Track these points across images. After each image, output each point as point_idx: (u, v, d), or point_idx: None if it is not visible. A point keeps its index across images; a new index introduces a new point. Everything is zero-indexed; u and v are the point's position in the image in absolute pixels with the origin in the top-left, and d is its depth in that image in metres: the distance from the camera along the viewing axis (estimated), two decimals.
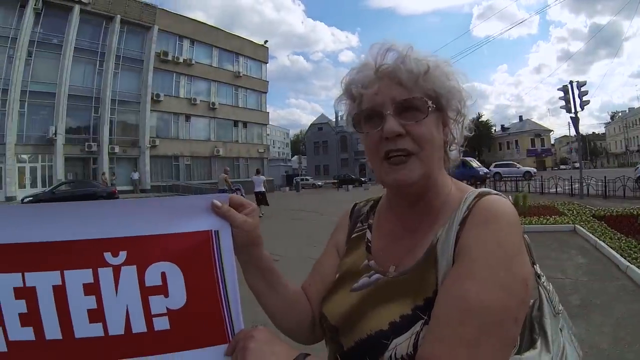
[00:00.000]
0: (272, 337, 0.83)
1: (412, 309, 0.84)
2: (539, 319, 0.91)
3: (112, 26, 33.98)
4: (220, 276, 0.89)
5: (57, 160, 30.44)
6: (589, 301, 5.38)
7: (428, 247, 0.91)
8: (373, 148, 0.94)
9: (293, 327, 1.10)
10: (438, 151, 0.96)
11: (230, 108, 44.53)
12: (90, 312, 0.81)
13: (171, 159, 39.07)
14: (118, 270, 0.83)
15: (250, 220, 0.95)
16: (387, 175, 0.92)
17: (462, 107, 1.00)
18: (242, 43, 46.75)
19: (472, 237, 0.82)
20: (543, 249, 8.56)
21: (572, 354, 0.94)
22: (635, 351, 3.92)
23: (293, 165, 70.02)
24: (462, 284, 0.78)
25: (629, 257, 6.77)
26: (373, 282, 0.97)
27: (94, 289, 0.82)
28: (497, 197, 0.88)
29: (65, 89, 30.81)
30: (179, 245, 0.87)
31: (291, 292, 1.09)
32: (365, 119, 0.96)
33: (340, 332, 0.96)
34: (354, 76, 0.99)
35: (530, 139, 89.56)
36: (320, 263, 1.18)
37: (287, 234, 11.46)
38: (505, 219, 0.82)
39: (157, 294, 0.85)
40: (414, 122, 0.90)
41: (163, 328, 0.85)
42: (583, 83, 19.69)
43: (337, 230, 1.23)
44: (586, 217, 11.59)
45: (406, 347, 0.81)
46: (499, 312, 0.75)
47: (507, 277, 0.77)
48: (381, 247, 1.05)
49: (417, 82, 0.91)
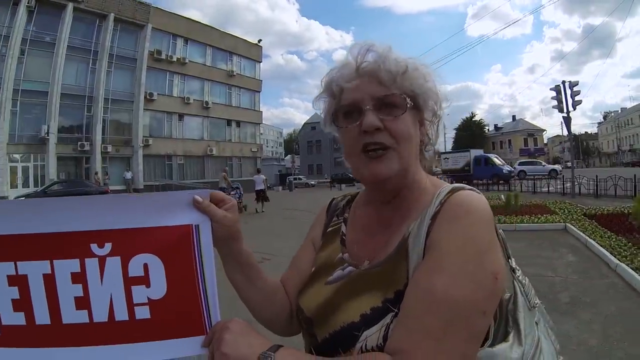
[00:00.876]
0: (246, 328, 0.85)
1: (382, 302, 0.86)
2: (513, 312, 0.94)
3: (105, 24, 33.65)
4: (199, 269, 0.93)
5: (50, 159, 30.10)
6: (579, 299, 5.48)
7: (400, 241, 0.93)
8: (351, 142, 0.96)
9: (271, 318, 1.13)
10: (415, 148, 0.98)
11: (223, 107, 44.35)
12: (77, 299, 0.87)
13: (164, 159, 38.83)
14: (103, 260, 0.88)
15: (230, 215, 0.98)
16: (365, 169, 0.95)
17: (438, 109, 1.04)
18: (235, 42, 46.53)
19: (442, 232, 0.84)
20: (534, 247, 8.71)
21: (548, 347, 0.97)
22: (623, 348, 4.01)
23: (286, 165, 69.70)
24: (430, 277, 0.80)
25: (618, 256, 6.92)
26: (346, 275, 1.00)
27: (80, 277, 0.87)
28: (469, 192, 0.90)
29: (57, 87, 30.51)
30: (161, 238, 0.91)
31: (269, 286, 1.12)
32: (344, 115, 0.98)
33: (315, 324, 0.98)
34: (335, 74, 1.01)
35: (523, 138, 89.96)
36: (298, 257, 1.22)
37: (280, 233, 11.49)
38: (476, 215, 0.85)
39: (139, 284, 0.89)
40: (392, 118, 0.93)
41: (144, 317, 0.89)
42: (575, 83, 19.89)
43: (315, 224, 1.26)
44: (577, 215, 11.79)
45: (376, 339, 0.83)
46: (466, 305, 0.77)
47: (475, 271, 0.79)
48: (356, 240, 1.07)
49: (396, 81, 0.94)
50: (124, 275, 0.88)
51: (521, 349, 0.87)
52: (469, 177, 33.63)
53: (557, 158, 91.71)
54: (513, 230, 10.74)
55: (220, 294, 0.94)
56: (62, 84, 30.88)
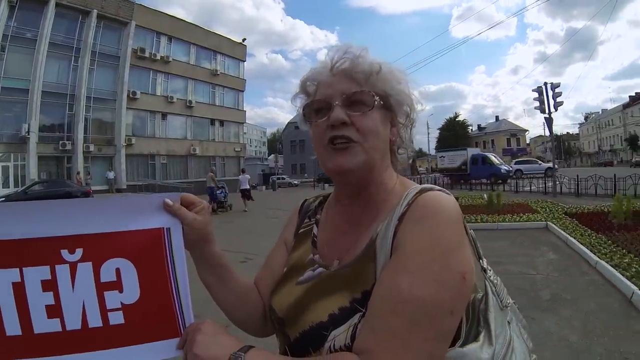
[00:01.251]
0: (218, 329, 0.86)
1: (350, 302, 0.87)
2: (484, 312, 0.93)
3: (88, 21, 33.05)
4: (171, 272, 0.93)
5: (30, 159, 29.52)
6: (559, 296, 5.58)
7: (368, 242, 0.93)
8: (319, 136, 0.98)
9: (245, 319, 1.15)
10: (382, 145, 0.99)
11: (207, 106, 44.01)
12: (49, 307, 0.85)
13: (147, 158, 38.37)
14: (74, 266, 0.86)
15: (200, 218, 0.99)
16: (329, 160, 0.96)
17: (412, 113, 1.05)
18: (220, 40, 46.17)
19: (408, 232, 0.85)
20: (515, 245, 8.86)
21: (521, 346, 0.97)
22: (603, 343, 4.09)
23: (270, 164, 69.46)
24: (395, 277, 0.81)
25: (598, 253, 7.07)
26: (317, 276, 1.01)
27: (51, 285, 0.85)
28: (437, 193, 0.90)
29: (39, 85, 29.88)
30: (132, 242, 0.91)
31: (242, 287, 1.13)
32: (315, 112, 1.00)
33: (287, 324, 0.99)
34: (311, 73, 1.04)
35: (506, 138, 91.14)
36: (270, 257, 1.22)
37: (262, 233, 11.43)
38: (443, 215, 0.85)
39: (112, 290, 0.88)
40: (359, 114, 0.95)
41: (118, 322, 0.88)
42: (557, 85, 20.27)
43: (287, 225, 1.27)
44: (558, 214, 12.03)
45: (344, 339, 0.84)
46: (431, 304, 0.78)
47: (441, 271, 0.80)
48: (326, 241, 1.08)
49: (369, 81, 0.96)
50: (96, 281, 0.88)
51: (492, 348, 0.87)
52: (466, 177, 33.19)
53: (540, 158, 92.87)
54: (495, 229, 10.89)
55: (195, 295, 0.95)
56: (43, 81, 30.24)
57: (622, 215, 9.80)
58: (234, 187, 24.12)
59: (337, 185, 1.08)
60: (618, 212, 9.90)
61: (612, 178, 17.51)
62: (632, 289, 5.25)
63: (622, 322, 4.59)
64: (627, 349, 3.93)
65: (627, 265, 6.11)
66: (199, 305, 0.98)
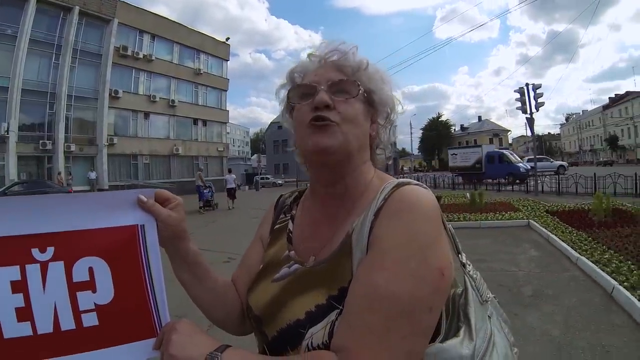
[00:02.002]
0: (194, 328, 0.85)
1: (327, 299, 0.87)
2: (464, 307, 0.92)
3: (70, 18, 32.40)
4: (146, 270, 0.91)
5: (10, 159, 28.83)
6: (541, 291, 5.68)
7: (344, 237, 0.93)
8: (302, 119, 0.98)
9: (223, 318, 1.14)
10: (361, 136, 0.99)
11: (190, 106, 43.62)
12: (19, 310, 0.80)
13: (130, 158, 37.82)
14: (45, 266, 0.82)
15: (175, 214, 0.97)
16: (308, 139, 0.95)
17: (392, 114, 1.07)
18: (203, 39, 45.81)
19: (384, 227, 0.84)
20: (498, 243, 8.97)
21: (502, 340, 0.96)
22: (585, 337, 4.18)
23: (253, 164, 69.28)
24: (371, 274, 0.80)
25: (579, 250, 7.23)
26: (292, 272, 1.00)
27: (21, 286, 0.80)
28: (415, 187, 0.89)
29: (18, 83, 29.22)
30: (105, 240, 0.88)
31: (220, 285, 1.12)
32: (300, 96, 1.00)
33: (264, 322, 0.98)
34: (300, 64, 1.07)
35: (489, 138, 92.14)
36: (247, 255, 1.22)
37: (245, 233, 11.39)
38: (420, 210, 0.84)
39: (85, 290, 0.85)
40: (342, 99, 0.96)
41: (92, 324, 0.85)
42: (538, 86, 20.62)
43: (263, 222, 1.26)
44: (540, 212, 12.28)
45: (322, 336, 0.83)
46: (408, 300, 0.77)
47: (418, 267, 0.79)
48: (302, 237, 1.08)
49: (355, 74, 1.00)
50: (68, 281, 0.84)
51: (472, 343, 0.86)
52: (480, 176, 31.52)
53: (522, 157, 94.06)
54: (478, 227, 11.02)
55: (172, 293, 0.94)
56: (23, 79, 29.60)
57: (602, 213, 10.02)
58: (218, 187, 24.72)
59: (314, 171, 1.05)
60: (598, 210, 10.11)
61: (592, 177, 17.82)
62: (612, 284, 5.36)
63: (604, 317, 4.68)
64: (609, 342, 4.01)
65: (607, 261, 6.23)
66: (184, 306, 0.95)
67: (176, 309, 0.92)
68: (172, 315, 0.94)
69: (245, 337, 1.17)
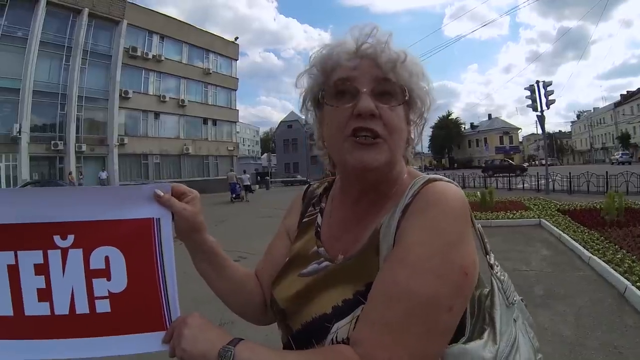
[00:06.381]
0: (205, 323, 0.85)
1: (353, 294, 0.86)
2: (489, 309, 0.90)
3: (79, 19, 32.67)
4: (159, 263, 0.93)
5: (22, 159, 29.13)
6: (553, 291, 5.63)
7: (372, 233, 0.91)
8: (340, 124, 0.90)
9: (242, 308, 1.15)
10: (403, 144, 0.96)
11: (199, 105, 43.75)
12: (40, 291, 0.88)
13: (140, 158, 38.09)
14: (66, 252, 0.89)
15: (190, 207, 0.98)
16: (352, 154, 0.89)
17: (425, 111, 1.00)
18: (212, 39, 45.96)
19: (409, 223, 0.82)
20: (509, 242, 8.88)
21: (526, 344, 0.94)
22: (596, 337, 4.15)
23: (263, 163, 69.50)
24: (393, 270, 0.79)
25: (591, 249, 7.16)
26: (322, 269, 0.98)
27: (43, 269, 0.88)
28: (445, 184, 0.87)
29: (30, 84, 29.48)
30: (122, 231, 0.92)
31: (239, 275, 1.12)
32: (336, 94, 0.93)
33: (288, 316, 0.98)
34: (331, 50, 0.95)
35: (499, 136, 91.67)
36: (272, 246, 1.20)
37: (256, 232, 11.43)
38: (446, 206, 0.81)
39: (100, 277, 0.90)
40: (387, 107, 0.89)
41: (104, 310, 0.90)
42: (549, 83, 20.39)
43: (290, 213, 1.23)
44: (551, 211, 12.14)
45: (347, 331, 0.82)
46: (427, 299, 0.75)
47: (441, 265, 0.77)
48: (331, 233, 1.05)
49: (395, 69, 0.90)
50: (86, 267, 0.89)
51: (495, 347, 0.84)
52: None
53: (532, 156, 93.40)
54: (488, 226, 10.90)
55: (184, 289, 0.95)
56: (34, 80, 29.85)
57: (614, 212, 9.91)
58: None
59: (350, 180, 1.01)
60: (610, 209, 10.00)
61: (604, 175, 17.63)
62: (624, 283, 5.31)
63: (616, 317, 4.64)
64: (621, 343, 3.97)
65: (619, 261, 6.18)
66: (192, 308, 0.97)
67: (184, 310, 0.94)
68: (182, 311, 0.95)
69: (258, 332, 1.18)
